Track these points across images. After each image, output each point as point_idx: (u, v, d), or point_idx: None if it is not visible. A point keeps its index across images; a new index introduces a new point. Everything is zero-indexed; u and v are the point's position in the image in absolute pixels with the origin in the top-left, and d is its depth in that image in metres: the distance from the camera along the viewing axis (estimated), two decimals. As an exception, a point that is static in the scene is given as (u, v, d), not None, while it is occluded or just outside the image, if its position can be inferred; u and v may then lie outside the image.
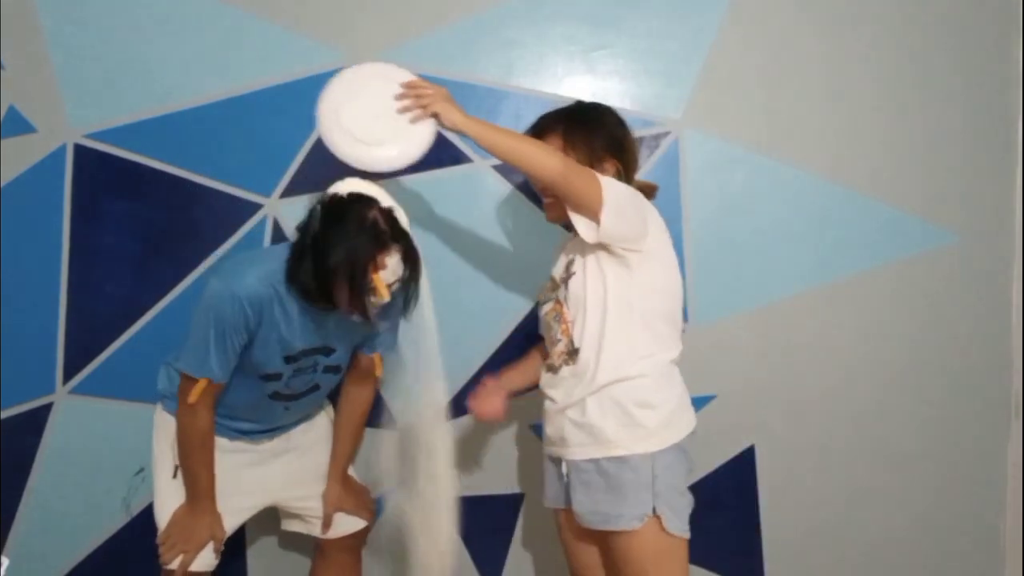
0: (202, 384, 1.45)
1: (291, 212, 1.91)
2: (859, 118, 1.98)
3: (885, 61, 1.98)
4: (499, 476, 1.99)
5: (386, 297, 1.40)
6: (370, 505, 1.80)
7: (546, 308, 1.58)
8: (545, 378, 1.57)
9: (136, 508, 1.92)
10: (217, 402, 1.52)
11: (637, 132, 1.95)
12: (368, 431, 1.94)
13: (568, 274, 1.52)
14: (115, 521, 1.94)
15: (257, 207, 1.92)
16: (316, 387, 1.62)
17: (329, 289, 1.39)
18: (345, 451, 1.75)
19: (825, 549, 2.01)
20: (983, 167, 2.00)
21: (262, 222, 1.93)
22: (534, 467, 1.98)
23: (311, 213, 1.43)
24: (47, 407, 1.92)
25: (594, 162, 1.51)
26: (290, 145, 1.92)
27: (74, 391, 1.92)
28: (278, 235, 1.92)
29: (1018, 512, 2.01)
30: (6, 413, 1.91)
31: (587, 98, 1.95)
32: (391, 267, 1.40)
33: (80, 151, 1.91)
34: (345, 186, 1.44)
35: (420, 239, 1.47)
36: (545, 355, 1.60)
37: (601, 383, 1.42)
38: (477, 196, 1.95)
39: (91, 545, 1.94)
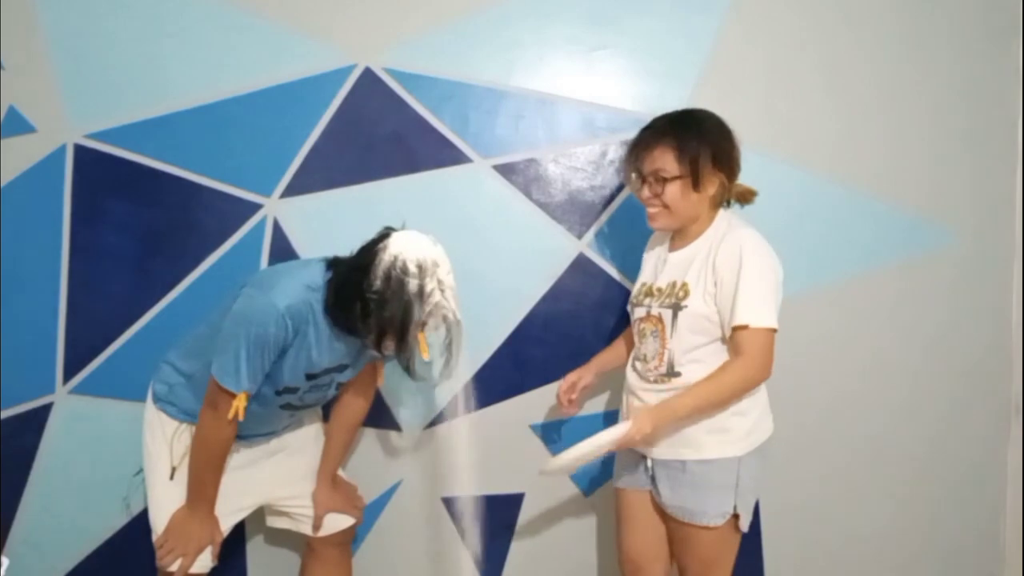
0: (243, 399, 1.44)
1: (291, 212, 1.91)
2: (859, 118, 1.98)
3: (885, 61, 1.98)
4: (499, 476, 1.99)
5: (428, 357, 1.47)
6: (358, 503, 1.80)
7: (640, 315, 1.60)
8: (635, 380, 1.60)
9: (136, 508, 1.92)
10: None
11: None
12: (368, 431, 1.96)
13: (676, 300, 1.52)
14: (115, 521, 1.93)
15: (257, 207, 1.92)
16: (324, 398, 1.64)
17: (379, 339, 1.43)
18: (338, 453, 1.76)
19: (825, 549, 2.01)
20: (983, 167, 1.99)
21: (262, 222, 1.92)
22: (534, 467, 1.98)
23: (371, 257, 1.42)
24: (47, 407, 1.92)
25: (706, 173, 1.52)
26: (290, 145, 1.92)
27: (74, 391, 1.91)
28: (278, 235, 1.92)
29: (1018, 512, 2.01)
30: (6, 413, 1.91)
31: (587, 98, 1.96)
32: (431, 324, 1.45)
33: (80, 151, 1.91)
34: (412, 245, 1.43)
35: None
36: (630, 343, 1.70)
37: None
38: (477, 196, 1.95)
39: (91, 545, 1.94)
